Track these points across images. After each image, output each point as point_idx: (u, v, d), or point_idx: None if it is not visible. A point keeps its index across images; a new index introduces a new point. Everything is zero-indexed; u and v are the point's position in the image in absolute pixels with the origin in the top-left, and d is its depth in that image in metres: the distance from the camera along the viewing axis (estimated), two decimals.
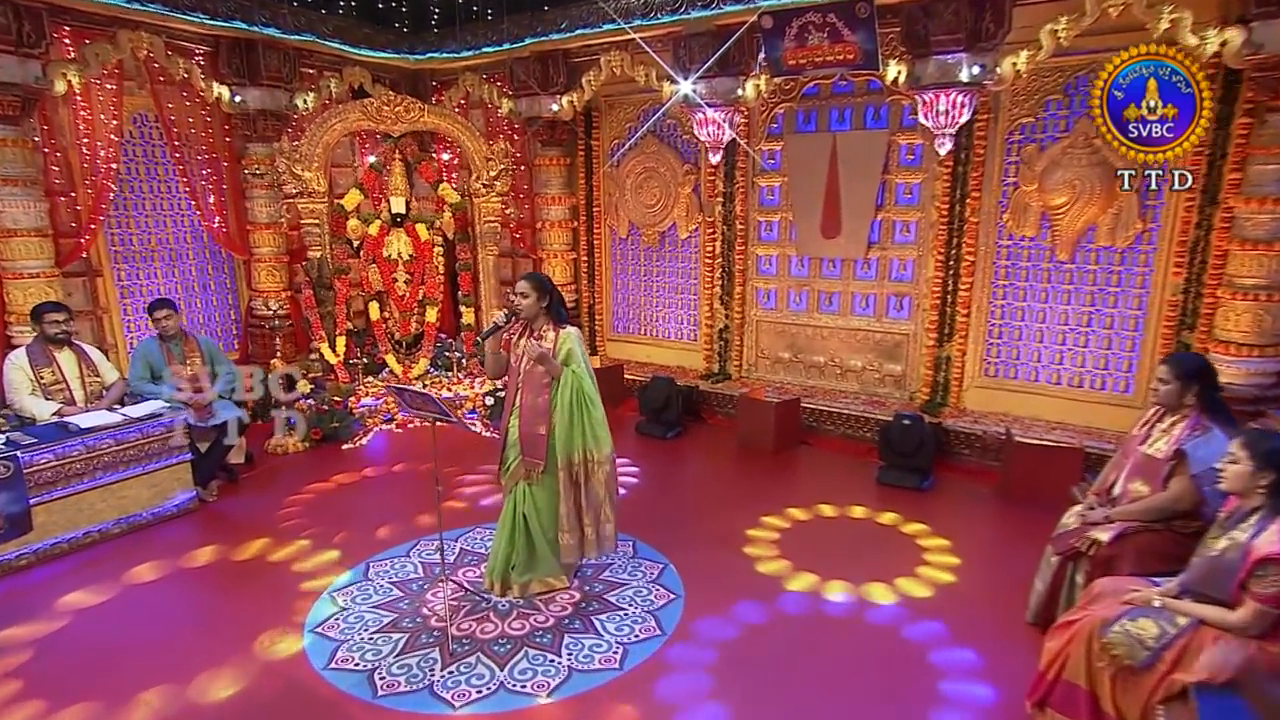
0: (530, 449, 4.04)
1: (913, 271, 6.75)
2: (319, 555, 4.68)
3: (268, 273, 7.90)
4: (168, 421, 5.23)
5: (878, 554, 4.69)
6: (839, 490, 5.67)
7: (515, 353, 4.12)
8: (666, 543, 4.80)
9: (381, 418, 7.30)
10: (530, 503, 4.11)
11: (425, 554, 4.71)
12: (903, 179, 6.64)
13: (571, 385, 3.94)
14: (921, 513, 5.27)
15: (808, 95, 6.98)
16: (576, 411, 3.96)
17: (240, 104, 7.27)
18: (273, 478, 6.06)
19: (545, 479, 4.05)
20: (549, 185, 8.53)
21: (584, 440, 3.97)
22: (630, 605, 4.10)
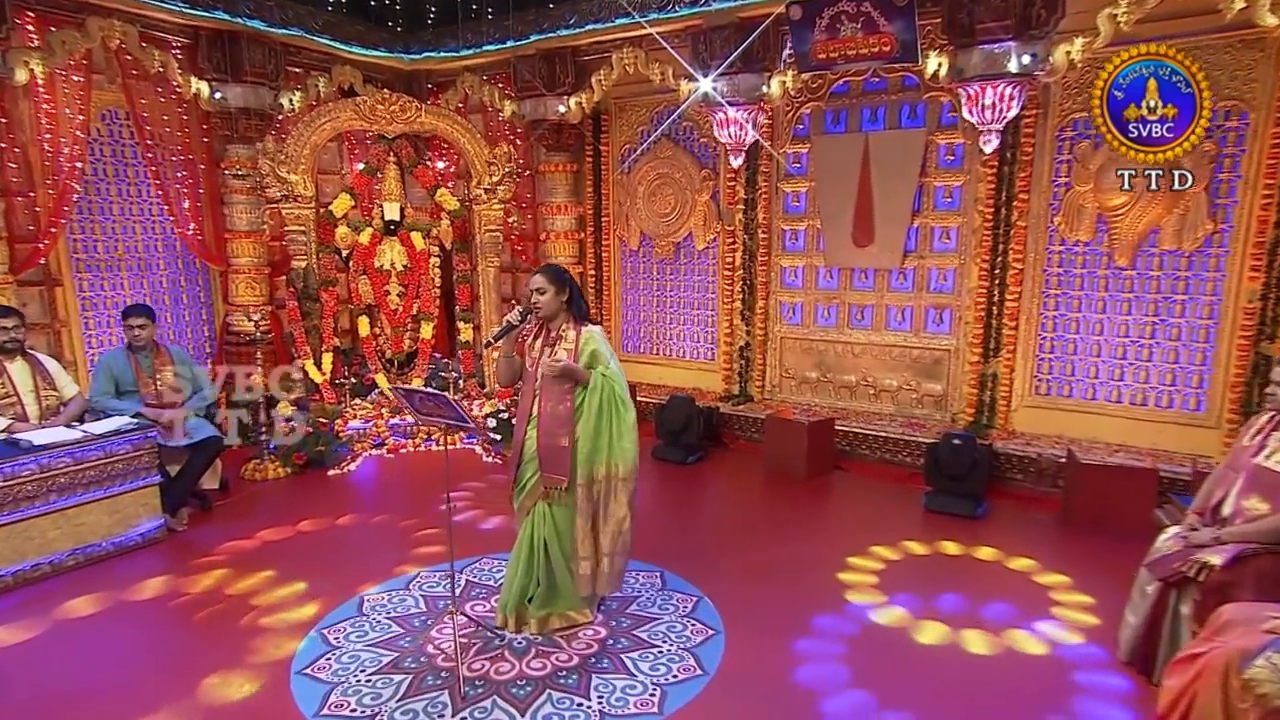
0: (551, 463, 3.76)
1: (954, 282, 6.56)
2: (288, 587, 4.34)
3: (246, 285, 7.61)
4: (135, 439, 4.90)
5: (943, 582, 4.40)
6: (884, 519, 5.39)
7: (531, 356, 3.86)
8: (698, 574, 4.50)
9: (371, 442, 6.99)
10: (550, 525, 3.81)
11: (427, 586, 4.38)
12: (942, 181, 6.47)
13: (602, 389, 3.67)
14: (985, 540, 4.97)
15: (837, 93, 6.84)
16: (605, 418, 3.68)
17: (220, 101, 7.05)
18: (250, 506, 5.73)
19: (568, 498, 3.76)
20: (554, 193, 8.34)
21: (609, 453, 3.69)
22: (664, 642, 3.79)
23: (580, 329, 3.77)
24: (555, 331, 3.80)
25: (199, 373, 5.76)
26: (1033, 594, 4.28)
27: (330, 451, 6.57)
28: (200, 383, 5.66)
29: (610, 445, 3.68)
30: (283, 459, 6.37)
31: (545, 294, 3.74)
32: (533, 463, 3.81)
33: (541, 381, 3.79)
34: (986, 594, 4.26)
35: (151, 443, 4.99)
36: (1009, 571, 4.59)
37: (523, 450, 3.85)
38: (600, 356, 3.73)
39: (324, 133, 7.21)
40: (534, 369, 3.83)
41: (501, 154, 7.58)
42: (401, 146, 7.54)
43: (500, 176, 7.56)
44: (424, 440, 7.14)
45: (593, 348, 3.74)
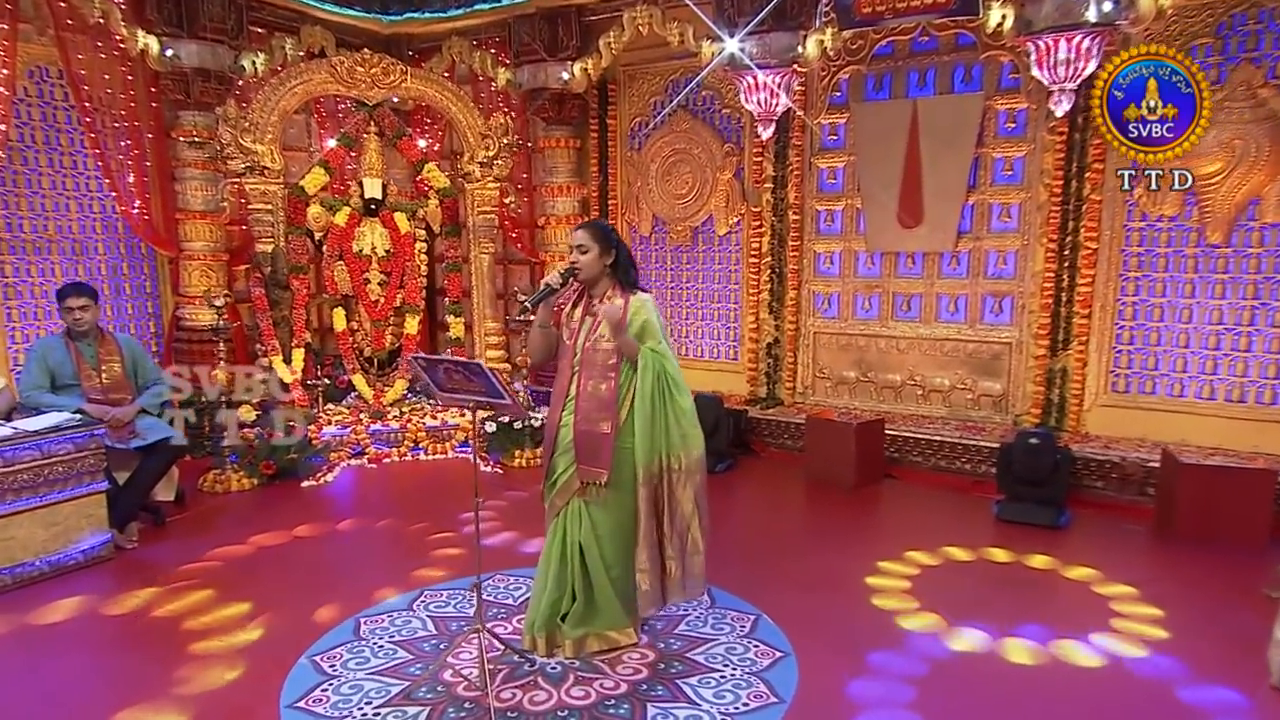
0: (589, 454, 3.46)
1: (1015, 265, 6.35)
2: (260, 613, 4.00)
3: (200, 274, 7.26)
4: (78, 438, 4.52)
5: (1042, 604, 4.13)
6: (952, 531, 5.12)
7: (569, 327, 3.58)
8: (750, 591, 4.24)
9: (349, 451, 6.63)
10: (588, 528, 3.50)
11: (434, 606, 4.04)
12: (1002, 152, 6.27)
13: (653, 368, 3.39)
14: (1073, 555, 4.71)
15: (880, 55, 6.64)
16: (659, 402, 3.39)
17: (172, 60, 6.69)
18: (211, 521, 5.39)
19: (609, 496, 3.46)
20: (555, 173, 8.10)
21: (667, 442, 3.40)
22: (725, 666, 3.48)
23: (628, 297, 3.50)
24: (599, 299, 3.53)
25: (153, 365, 5.42)
26: (1137, 619, 4.01)
27: (303, 461, 6.20)
28: (154, 376, 5.32)
29: (667, 434, 3.39)
30: (248, 468, 6.00)
31: (588, 253, 3.47)
32: (567, 453, 3.52)
33: (581, 357, 3.50)
34: (1083, 620, 3.98)
35: (98, 443, 4.61)
36: (1101, 593, 4.31)
37: (556, 438, 3.55)
38: (652, 329, 3.45)
39: (295, 97, 6.92)
40: (572, 342, 3.55)
41: (497, 125, 7.32)
42: (384, 115, 7.26)
43: (496, 150, 7.29)
44: (410, 449, 6.80)
45: (644, 318, 3.45)
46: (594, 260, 3.48)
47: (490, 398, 3.14)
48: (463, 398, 3.24)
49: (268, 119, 6.78)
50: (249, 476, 5.99)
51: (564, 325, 3.60)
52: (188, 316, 7.30)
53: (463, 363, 3.13)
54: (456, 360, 3.16)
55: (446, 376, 3.20)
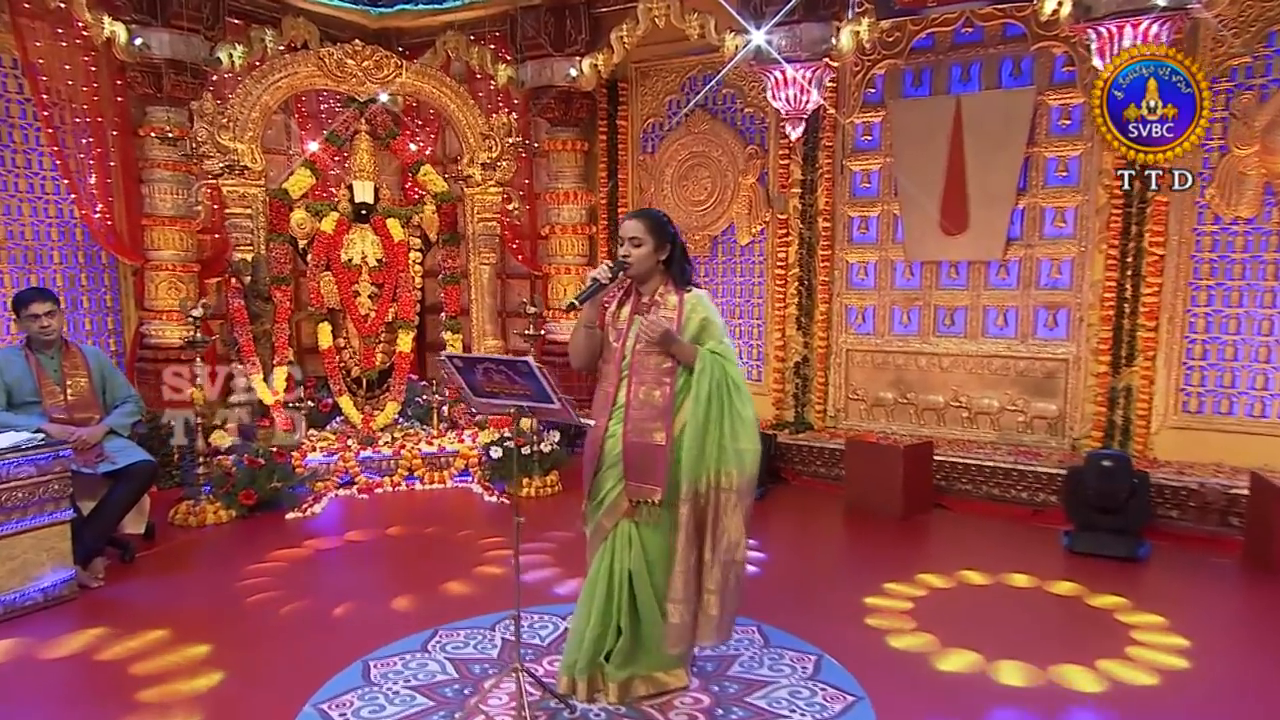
0: (640, 470, 3.27)
1: (1071, 275, 6.25)
2: (216, 651, 3.77)
3: (168, 286, 7.06)
4: (41, 460, 4.28)
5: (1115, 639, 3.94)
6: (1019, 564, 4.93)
7: (616, 328, 3.41)
8: (806, 629, 4.05)
9: (337, 480, 6.39)
10: (639, 554, 3.30)
11: (450, 647, 3.80)
12: (1055, 151, 6.19)
13: (712, 372, 3.21)
14: (1153, 592, 4.53)
15: (919, 48, 6.59)
16: (717, 410, 3.21)
17: (141, 50, 6.53)
18: (185, 557, 5.17)
19: (663, 517, 3.26)
20: (560, 178, 7.98)
21: (719, 456, 3.20)
22: (792, 712, 3.27)
23: (683, 294, 3.34)
24: (649, 297, 3.36)
25: (123, 380, 5.21)
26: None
27: (287, 491, 5.96)
28: (124, 392, 5.11)
29: (721, 446, 3.20)
30: (226, 499, 5.75)
31: (641, 246, 3.30)
32: (615, 468, 3.32)
33: (631, 360, 3.32)
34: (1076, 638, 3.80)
35: (64, 466, 4.37)
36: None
37: (602, 452, 3.35)
38: (712, 328, 3.29)
39: (278, 92, 6.76)
40: (620, 344, 3.37)
41: (500, 124, 7.18)
42: (376, 112, 7.10)
43: (499, 152, 7.15)
44: (405, 478, 6.57)
45: (703, 315, 3.30)
46: (647, 255, 3.31)
47: (537, 402, 2.96)
48: (503, 403, 3.05)
49: (248, 115, 6.61)
50: (226, 508, 5.74)
51: (610, 325, 3.42)
52: (153, 333, 7.08)
53: (507, 361, 2.94)
54: (499, 359, 2.98)
55: (486, 378, 3.01)
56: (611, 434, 3.34)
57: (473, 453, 6.69)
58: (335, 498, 6.23)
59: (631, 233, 3.32)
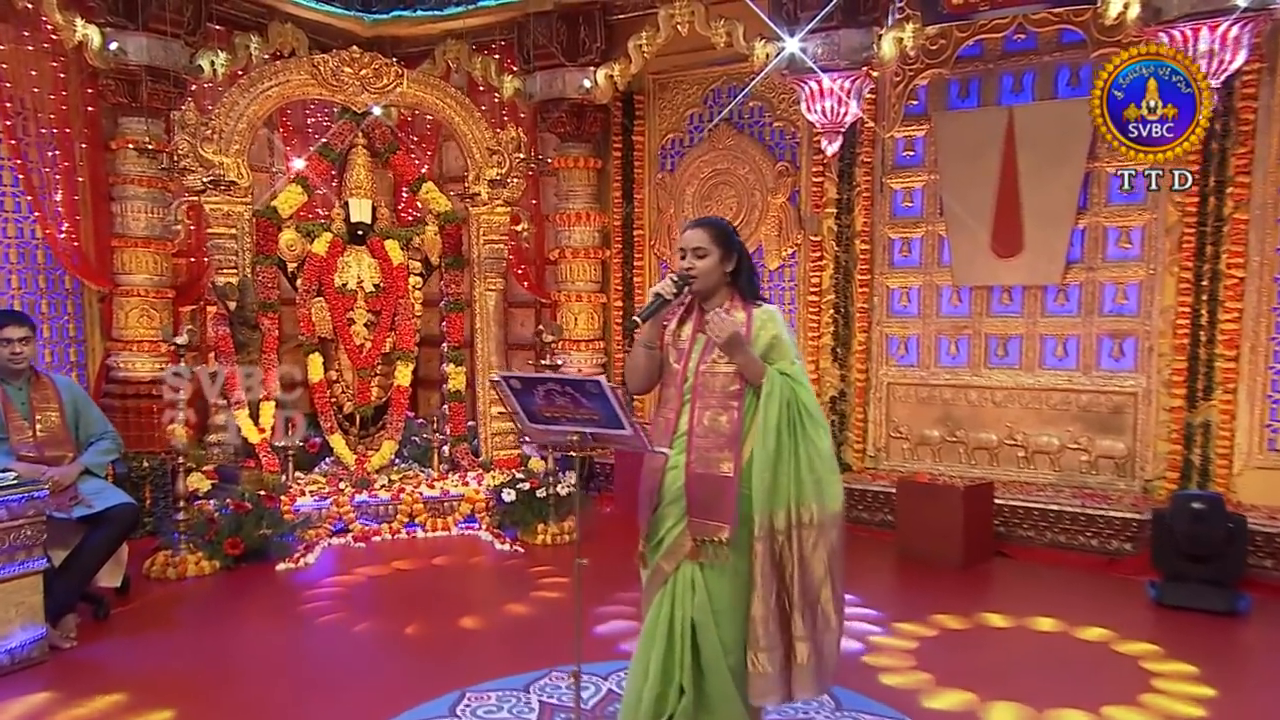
0: (706, 504, 3.09)
1: (1138, 300, 6.17)
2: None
3: (140, 313, 6.91)
4: (13, 503, 4.05)
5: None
6: (1103, 617, 4.77)
7: (676, 347, 3.26)
8: (881, 690, 3.85)
9: (330, 527, 6.16)
10: (703, 602, 3.09)
11: (482, 711, 3.59)
12: (1119, 166, 6.04)
13: (781, 396, 3.06)
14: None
15: (965, 56, 6.53)
16: (789, 438, 3.05)
17: (116, 55, 6.45)
18: (165, 614, 4.95)
19: (731, 558, 3.07)
20: (571, 198, 7.89)
21: (797, 489, 3.04)
22: None
23: (751, 309, 3.19)
24: (715, 312, 3.21)
25: (98, 414, 5.01)
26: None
27: (275, 539, 5.74)
28: (99, 428, 4.93)
29: (797, 478, 3.04)
30: (209, 549, 5.52)
31: (705, 257, 3.16)
32: (677, 504, 3.13)
33: (694, 380, 3.16)
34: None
35: (38, 508, 4.15)
36: None
37: (662, 485, 3.17)
38: (783, 346, 3.14)
39: (268, 101, 6.66)
40: (682, 365, 3.21)
41: (508, 139, 7.07)
42: (374, 125, 6.99)
43: (507, 168, 7.03)
44: (405, 524, 6.35)
45: (774, 333, 3.15)
46: (713, 267, 3.16)
47: (605, 428, 2.79)
48: (563, 429, 2.87)
49: (234, 126, 6.50)
50: (209, 558, 5.51)
51: (670, 345, 3.27)
52: (122, 366, 6.91)
53: (574, 381, 2.77)
54: (565, 378, 2.81)
55: (546, 402, 2.83)
56: (673, 465, 3.16)
57: (479, 496, 6.49)
58: (328, 547, 6.00)
59: (695, 243, 3.18)
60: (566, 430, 2.90)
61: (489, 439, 7.09)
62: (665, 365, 3.28)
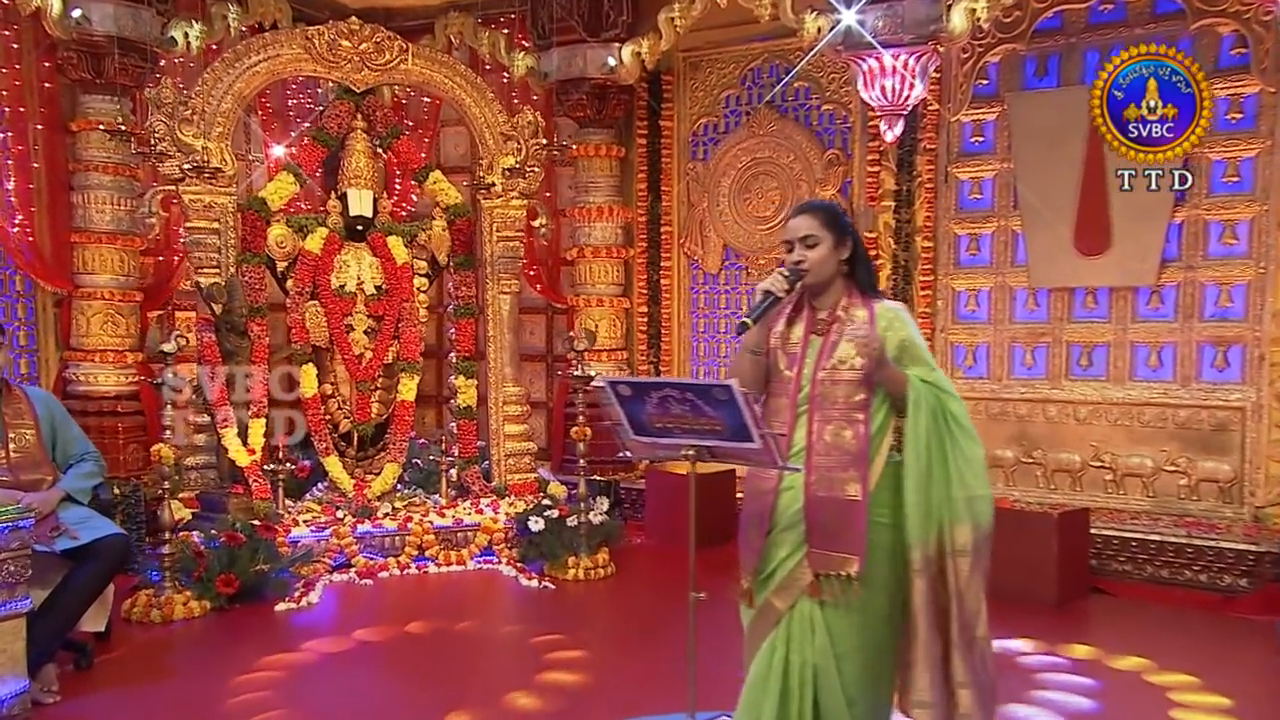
0: (829, 533, 2.98)
1: (1245, 302, 6.14)
2: None
3: (103, 319, 6.87)
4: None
5: None
6: (1238, 670, 4.72)
7: (786, 352, 3.15)
8: None
9: (329, 561, 6.00)
10: (824, 645, 2.98)
11: None
12: (1223, 152, 6.12)
13: (928, 406, 2.98)
14: None
15: (1044, 29, 6.54)
16: (938, 453, 2.98)
17: (79, 24, 6.36)
18: (154, 662, 4.80)
19: (859, 595, 2.96)
20: (592, 190, 7.87)
21: (949, 509, 2.97)
22: None
23: (872, 305, 3.09)
24: (829, 311, 3.12)
25: (78, 432, 4.86)
26: None
27: (273, 576, 5.57)
28: (80, 447, 4.78)
29: (949, 498, 2.97)
30: (198, 587, 5.35)
31: (817, 246, 3.06)
32: (793, 531, 3.02)
33: (811, 389, 3.05)
34: None
35: (23, 540, 3.97)
36: None
37: (774, 510, 3.06)
38: (916, 350, 3.06)
39: (255, 78, 6.60)
40: (795, 371, 3.09)
41: (525, 123, 6.97)
42: (374, 106, 6.87)
43: (524, 156, 6.92)
44: (414, 558, 6.19)
45: (904, 334, 3.06)
46: (826, 256, 3.06)
47: (729, 440, 2.66)
48: (675, 442, 2.74)
49: (216, 106, 6.40)
50: (199, 598, 5.33)
51: (779, 349, 3.15)
52: (82, 378, 6.85)
53: (698, 387, 2.64)
54: (687, 384, 2.69)
55: (660, 410, 2.71)
56: (788, 486, 3.05)
57: (498, 526, 6.35)
58: (330, 584, 5.84)
59: (803, 230, 3.07)
60: (680, 443, 2.78)
61: (502, 461, 6.97)
62: (774, 372, 3.17)
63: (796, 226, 3.09)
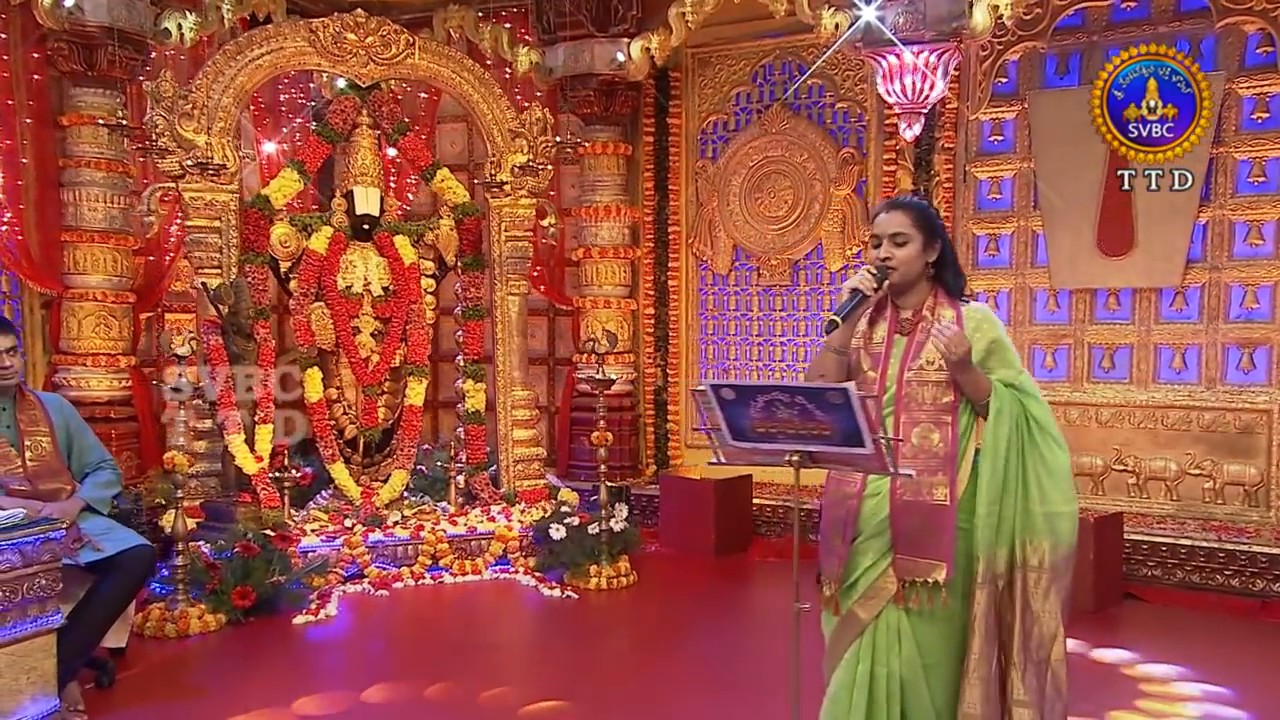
0: (916, 540, 2.99)
1: (1272, 304, 6.24)
2: None
3: (96, 321, 6.76)
4: (26, 545, 3.79)
5: None
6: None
7: (870, 353, 3.16)
8: None
9: (341, 572, 5.95)
10: (911, 655, 2.99)
11: None
12: (1250, 151, 6.20)
13: (1011, 413, 2.99)
14: None
15: (1065, 28, 6.60)
16: (1017, 464, 2.99)
17: (72, 13, 6.26)
18: (174, 679, 4.72)
19: (949, 604, 2.98)
20: (598, 189, 7.84)
21: (1025, 524, 2.97)
22: None
23: (959, 307, 3.11)
24: (913, 311, 3.12)
25: (94, 439, 4.80)
26: None
27: (288, 587, 5.52)
28: (96, 455, 4.71)
29: (1026, 511, 2.97)
30: (213, 600, 5.28)
31: (906, 245, 3.05)
32: (879, 539, 3.03)
33: (897, 390, 3.06)
34: None
35: (54, 552, 3.88)
36: None
37: (859, 516, 3.07)
38: (1005, 353, 3.07)
39: (258, 71, 6.56)
40: (880, 372, 3.10)
41: (534, 120, 6.95)
42: (380, 101, 6.82)
43: (534, 153, 6.90)
44: (428, 568, 6.15)
45: (992, 336, 3.06)
46: (914, 255, 3.06)
47: (839, 445, 2.65)
48: (778, 448, 2.74)
49: (218, 100, 6.33)
50: (213, 611, 5.26)
51: (863, 350, 3.16)
52: (72, 383, 6.72)
53: (811, 390, 2.62)
54: (800, 387, 2.66)
55: (765, 414, 2.69)
56: (873, 492, 3.05)
57: (513, 534, 6.32)
58: (344, 595, 5.79)
59: (893, 227, 3.07)
60: (783, 448, 2.77)
61: (510, 467, 6.94)
62: (856, 373, 3.17)
63: (886, 222, 3.09)
